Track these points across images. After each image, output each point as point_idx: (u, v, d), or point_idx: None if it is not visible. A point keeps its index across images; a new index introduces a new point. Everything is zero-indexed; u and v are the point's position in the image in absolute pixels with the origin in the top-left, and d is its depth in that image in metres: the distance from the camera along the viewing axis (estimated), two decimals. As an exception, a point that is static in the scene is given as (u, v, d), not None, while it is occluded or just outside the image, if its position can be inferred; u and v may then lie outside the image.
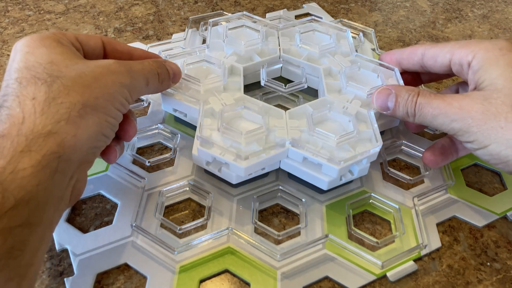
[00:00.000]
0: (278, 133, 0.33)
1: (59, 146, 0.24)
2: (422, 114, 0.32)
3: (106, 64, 0.28)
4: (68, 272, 0.30)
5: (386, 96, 0.33)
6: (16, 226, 0.22)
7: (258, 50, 0.41)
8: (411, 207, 0.34)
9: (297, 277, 0.30)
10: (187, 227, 0.32)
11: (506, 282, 0.31)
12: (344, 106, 0.35)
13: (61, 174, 0.25)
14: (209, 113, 0.34)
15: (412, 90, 0.33)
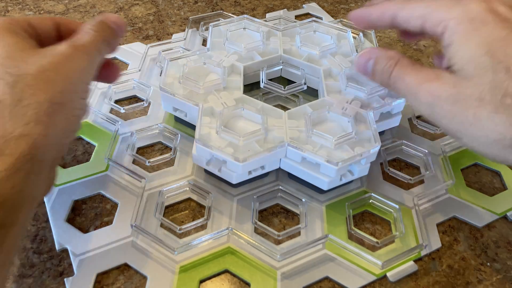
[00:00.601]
0: (276, 133, 0.33)
1: (31, 147, 0.24)
2: (395, 88, 0.29)
3: (61, 51, 0.27)
4: (68, 272, 0.30)
5: (366, 60, 0.31)
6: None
7: (260, 50, 0.41)
8: (411, 207, 0.34)
9: (297, 277, 0.30)
10: (187, 227, 0.32)
11: (506, 282, 0.31)
12: (343, 107, 0.35)
13: (35, 174, 0.25)
14: (208, 112, 0.35)
15: (391, 58, 0.30)
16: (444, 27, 0.27)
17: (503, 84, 0.24)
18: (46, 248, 0.31)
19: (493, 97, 0.24)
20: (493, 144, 0.25)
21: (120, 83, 0.43)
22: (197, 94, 0.36)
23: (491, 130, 0.25)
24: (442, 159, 0.38)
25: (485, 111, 0.25)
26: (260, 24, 0.44)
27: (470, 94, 0.25)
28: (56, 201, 0.34)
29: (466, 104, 0.25)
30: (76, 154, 0.37)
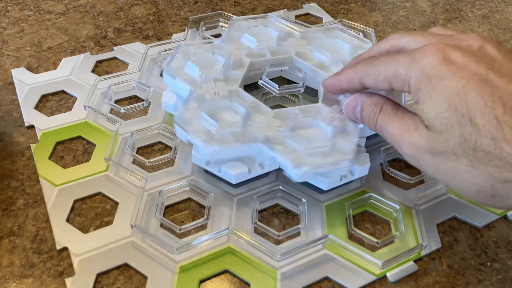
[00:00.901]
0: (254, 129, 0.33)
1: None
2: (382, 135, 0.30)
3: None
4: (68, 272, 0.30)
5: (353, 108, 0.32)
6: None
7: (272, 49, 0.41)
8: (411, 207, 0.34)
9: (297, 277, 0.30)
10: (187, 227, 0.32)
11: (506, 282, 0.31)
12: (333, 116, 0.35)
13: None
14: (200, 99, 0.35)
15: (376, 104, 0.30)
16: (407, 87, 0.27)
17: (471, 137, 0.24)
18: (46, 248, 0.31)
19: (465, 151, 0.24)
20: (478, 194, 0.25)
21: (120, 83, 0.43)
22: (196, 81, 0.37)
23: (471, 182, 0.25)
24: (442, 159, 0.38)
25: (461, 165, 0.25)
26: (282, 25, 0.44)
27: (444, 149, 0.25)
28: (56, 201, 0.34)
29: (443, 158, 0.25)
30: (76, 154, 0.37)
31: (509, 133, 0.23)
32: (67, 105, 0.42)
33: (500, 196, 0.24)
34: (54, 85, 0.43)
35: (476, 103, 0.24)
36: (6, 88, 0.43)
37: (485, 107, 0.23)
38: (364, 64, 0.30)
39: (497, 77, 0.24)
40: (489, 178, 0.24)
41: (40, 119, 0.40)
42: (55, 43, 0.49)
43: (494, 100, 0.23)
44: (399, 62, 0.27)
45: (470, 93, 0.24)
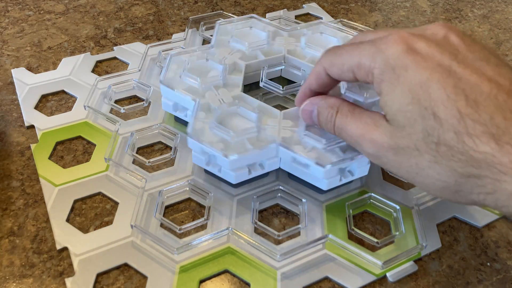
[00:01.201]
0: (269, 132, 0.33)
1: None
2: (342, 138, 0.29)
3: None
4: (68, 272, 0.30)
5: (309, 113, 0.31)
6: None
7: (264, 50, 0.41)
8: (411, 207, 0.34)
9: (297, 277, 0.30)
10: (187, 227, 0.32)
11: (506, 282, 0.31)
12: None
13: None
14: (205, 108, 0.35)
15: (332, 106, 0.29)
16: (371, 77, 0.26)
17: (434, 131, 0.23)
18: (46, 248, 0.31)
19: (428, 146, 0.24)
20: (442, 190, 0.25)
21: (120, 83, 0.43)
22: (196, 90, 0.36)
23: (436, 179, 0.24)
24: (442, 159, 0.38)
25: (425, 161, 0.24)
26: (267, 24, 0.44)
27: (406, 145, 0.25)
28: (56, 201, 0.34)
29: (406, 155, 0.25)
30: (76, 154, 0.37)
31: (471, 127, 0.22)
32: (67, 105, 0.42)
33: (464, 192, 0.24)
34: (54, 85, 0.43)
35: (439, 95, 0.23)
36: (6, 88, 0.43)
37: (448, 99, 0.23)
38: (329, 54, 0.29)
39: (460, 68, 0.24)
40: (452, 173, 0.23)
41: (40, 119, 0.40)
42: (55, 43, 0.49)
43: (457, 93, 0.23)
44: (364, 52, 0.26)
45: (433, 85, 0.23)
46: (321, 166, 0.31)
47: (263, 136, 0.33)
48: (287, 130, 0.33)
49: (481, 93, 0.23)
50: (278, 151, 0.33)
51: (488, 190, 0.23)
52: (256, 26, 0.44)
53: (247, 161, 0.32)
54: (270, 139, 0.33)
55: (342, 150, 0.32)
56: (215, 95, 0.36)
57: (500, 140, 0.22)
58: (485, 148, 0.22)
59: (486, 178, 0.22)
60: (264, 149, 0.32)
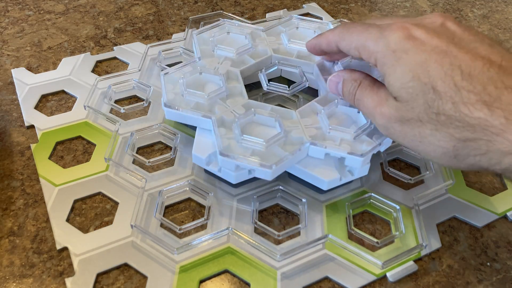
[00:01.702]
0: (295, 133, 0.33)
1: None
2: (359, 109, 0.32)
3: None
4: (68, 272, 0.30)
5: (336, 84, 0.34)
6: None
7: (250, 53, 0.41)
8: (411, 207, 0.34)
9: (297, 277, 0.30)
10: (187, 227, 0.32)
11: (506, 282, 0.31)
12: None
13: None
14: (220, 122, 0.34)
15: (355, 79, 0.32)
16: (374, 60, 0.29)
17: (434, 103, 0.26)
18: (46, 248, 0.31)
19: (429, 116, 0.26)
20: (443, 156, 0.27)
21: (120, 83, 0.43)
22: (202, 106, 0.35)
23: (436, 145, 0.27)
24: (442, 159, 0.38)
25: (427, 130, 0.27)
26: (242, 27, 0.44)
27: (410, 116, 0.27)
28: (56, 201, 0.34)
29: (410, 125, 0.28)
30: (76, 154, 0.37)
31: (466, 97, 0.25)
32: (67, 105, 0.42)
33: (462, 156, 0.26)
34: (54, 85, 0.43)
35: (437, 72, 0.26)
36: (6, 88, 0.43)
37: (445, 75, 0.26)
38: (342, 29, 0.32)
39: (456, 49, 0.26)
40: (451, 139, 0.26)
41: (40, 119, 0.40)
42: (55, 43, 0.49)
43: (453, 69, 0.26)
44: (370, 35, 0.30)
45: (432, 64, 0.26)
46: (357, 156, 0.31)
47: (290, 139, 0.33)
48: (311, 128, 0.34)
49: (475, 68, 0.25)
50: (309, 150, 0.33)
51: (482, 151, 0.25)
52: (232, 30, 0.43)
53: (285, 167, 0.32)
54: (299, 141, 0.33)
55: (369, 137, 0.33)
56: (225, 108, 0.35)
57: (492, 106, 0.24)
58: (479, 114, 0.25)
59: (480, 140, 0.25)
60: (298, 151, 0.32)
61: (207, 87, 0.37)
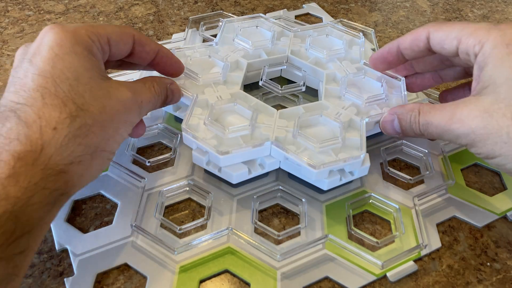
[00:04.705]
0: (263, 130, 0.33)
1: (66, 184, 0.25)
2: (429, 133, 0.31)
3: (124, 99, 0.28)
4: (68, 272, 0.30)
5: (391, 123, 0.33)
6: (16, 254, 0.23)
7: (268, 49, 0.41)
8: (411, 207, 0.34)
9: (297, 277, 0.30)
10: (187, 227, 0.32)
11: (506, 282, 0.31)
12: (338, 112, 0.35)
13: (58, 207, 0.26)
14: (203, 103, 0.35)
15: (412, 109, 0.32)
16: (479, 49, 0.28)
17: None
18: (46, 248, 0.31)
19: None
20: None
21: (120, 83, 0.43)
22: (196, 86, 0.36)
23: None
24: (442, 159, 0.38)
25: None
26: (274, 24, 0.44)
27: (502, 114, 0.27)
28: (56, 201, 0.33)
29: (499, 125, 0.27)
30: (76, 154, 0.37)
31: None
32: (67, 105, 0.42)
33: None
34: (54, 85, 0.43)
35: None
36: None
37: None
38: (437, 22, 0.32)
39: None
40: None
41: (40, 119, 0.40)
42: (55, 43, 0.49)
43: None
44: (479, 26, 0.29)
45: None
46: (312, 167, 0.31)
47: (257, 135, 0.33)
48: (282, 129, 0.33)
49: None
50: (271, 150, 0.33)
51: None
52: (262, 25, 0.44)
53: (240, 158, 0.32)
54: (264, 138, 0.33)
55: (334, 152, 0.32)
56: (213, 91, 0.36)
57: None
58: None
59: None
60: (257, 147, 0.32)
61: (211, 71, 0.39)
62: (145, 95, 0.30)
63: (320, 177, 0.32)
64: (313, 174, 0.31)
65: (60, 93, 0.25)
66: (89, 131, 0.26)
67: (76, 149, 0.25)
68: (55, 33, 0.27)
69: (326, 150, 0.32)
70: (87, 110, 0.26)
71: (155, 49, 0.32)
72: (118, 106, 0.27)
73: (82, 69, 0.26)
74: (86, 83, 0.26)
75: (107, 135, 0.27)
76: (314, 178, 0.32)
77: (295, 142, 0.33)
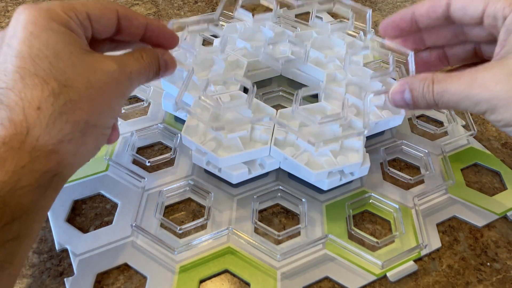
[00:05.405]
0: (263, 132, 0.33)
1: (58, 164, 0.24)
2: (444, 102, 0.29)
3: (110, 71, 0.27)
4: (68, 272, 0.30)
5: (401, 93, 0.30)
6: (8, 240, 0.22)
7: (268, 49, 0.41)
8: (411, 207, 0.34)
9: (297, 277, 0.30)
10: (187, 227, 0.32)
11: (506, 282, 0.31)
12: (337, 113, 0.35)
13: (54, 189, 0.25)
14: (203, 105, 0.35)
15: (425, 78, 0.29)
16: (509, 11, 0.27)
17: None
18: (46, 248, 0.31)
19: None
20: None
21: (120, 83, 0.43)
22: (196, 86, 0.37)
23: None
24: (442, 159, 0.38)
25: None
26: (276, 24, 0.44)
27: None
28: (56, 201, 0.33)
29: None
30: (76, 154, 0.37)
31: None
32: (67, 105, 0.42)
33: None
34: (54, 85, 0.43)
35: None
36: (6, 88, 0.43)
37: None
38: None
39: None
40: None
41: (40, 119, 0.40)
42: (55, 43, 0.49)
43: None
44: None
45: None
46: (310, 169, 0.31)
47: (256, 136, 0.33)
48: (282, 131, 0.33)
49: None
50: (271, 150, 0.33)
51: None
52: (265, 25, 0.44)
53: (239, 159, 0.32)
54: (263, 140, 0.33)
55: (334, 154, 0.32)
56: (213, 91, 0.36)
57: None
58: None
59: None
60: (255, 150, 0.32)
61: (212, 69, 0.39)
62: (133, 66, 0.28)
63: (319, 178, 0.32)
64: (312, 175, 0.31)
65: (40, 71, 0.24)
66: (75, 107, 0.24)
67: (64, 127, 0.24)
68: (28, 13, 0.25)
69: (325, 152, 0.32)
70: (71, 86, 0.24)
71: (144, 22, 0.31)
72: (104, 79, 0.26)
73: (61, 45, 0.25)
74: (67, 59, 0.25)
75: (97, 110, 0.26)
76: (314, 179, 0.32)
77: (294, 144, 0.33)
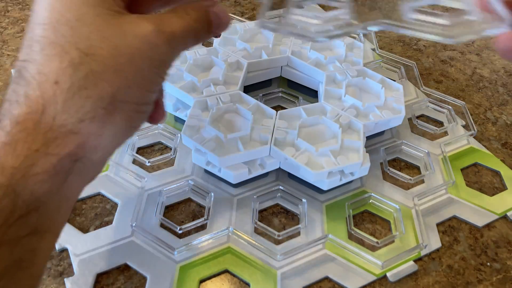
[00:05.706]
0: (263, 132, 0.33)
1: (79, 147, 0.20)
2: None
3: (144, 34, 0.22)
4: (68, 272, 0.30)
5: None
6: (24, 236, 0.19)
7: (269, 50, 0.41)
8: (411, 207, 0.34)
9: (297, 277, 0.30)
10: (187, 227, 0.32)
11: (506, 282, 0.31)
12: (338, 114, 0.35)
13: (77, 175, 0.21)
14: (203, 105, 0.35)
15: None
16: None
17: None
18: (46, 248, 0.31)
19: None
20: None
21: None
22: (195, 86, 0.37)
23: None
24: (442, 159, 0.38)
25: None
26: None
27: None
28: (56, 201, 0.33)
29: None
30: (76, 154, 0.37)
31: None
32: (67, 105, 0.42)
33: None
34: (54, 85, 0.43)
35: None
36: (6, 88, 0.43)
37: None
38: None
39: None
40: None
41: (40, 119, 0.40)
42: (55, 43, 0.49)
43: None
44: None
45: None
46: (310, 169, 0.31)
47: (256, 136, 0.33)
48: (281, 131, 0.34)
49: None
50: (271, 150, 0.33)
51: None
52: None
53: (239, 159, 0.32)
54: (263, 140, 0.33)
55: (334, 155, 0.32)
56: (213, 92, 0.36)
57: None
58: None
59: None
60: (255, 150, 0.32)
61: (211, 71, 0.39)
62: (175, 24, 0.23)
63: (319, 178, 0.32)
64: (312, 175, 0.31)
65: (61, 39, 0.21)
66: (98, 79, 0.20)
67: (85, 104, 0.20)
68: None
69: (325, 152, 0.32)
70: (93, 54, 0.21)
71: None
72: (136, 44, 0.21)
73: (84, 7, 0.21)
74: (91, 23, 0.21)
75: (127, 82, 0.21)
76: (314, 179, 0.32)
77: (294, 144, 0.33)
